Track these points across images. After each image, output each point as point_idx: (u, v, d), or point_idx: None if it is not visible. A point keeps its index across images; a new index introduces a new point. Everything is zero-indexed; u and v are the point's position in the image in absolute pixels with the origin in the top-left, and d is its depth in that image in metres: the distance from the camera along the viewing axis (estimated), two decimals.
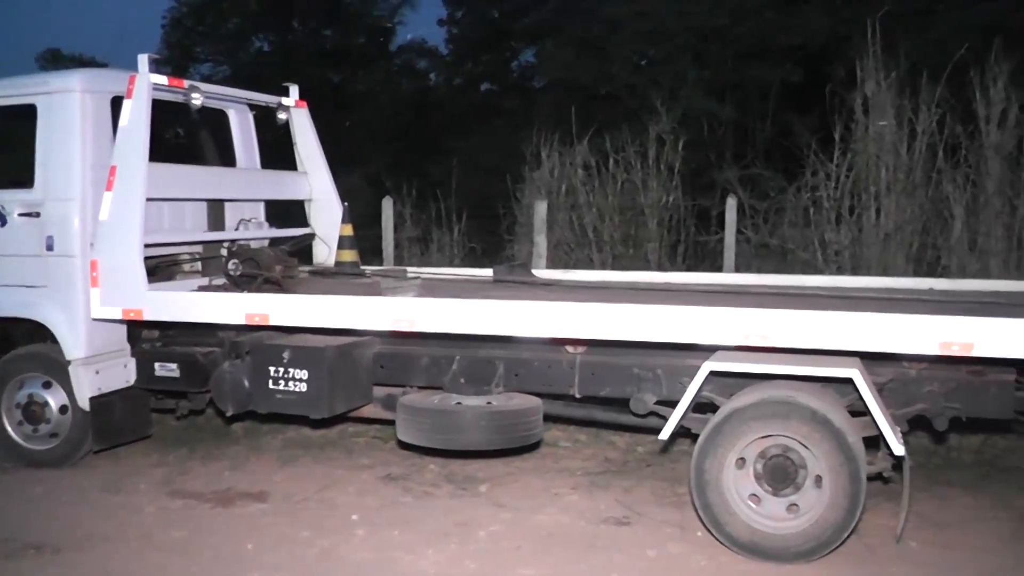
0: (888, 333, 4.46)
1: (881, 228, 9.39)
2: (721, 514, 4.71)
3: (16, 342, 6.59)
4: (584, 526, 5.28)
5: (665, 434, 4.97)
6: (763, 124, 18.69)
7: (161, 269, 6.45)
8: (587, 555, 4.84)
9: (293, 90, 7.34)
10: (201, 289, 6.29)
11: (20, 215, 6.23)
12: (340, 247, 7.09)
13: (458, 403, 5.50)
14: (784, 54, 19.16)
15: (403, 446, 6.04)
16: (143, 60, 5.91)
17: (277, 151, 7.80)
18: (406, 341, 5.76)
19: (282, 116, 7.21)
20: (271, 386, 5.72)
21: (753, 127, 18.82)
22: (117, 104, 5.99)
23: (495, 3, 29.56)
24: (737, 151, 16.21)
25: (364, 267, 7.21)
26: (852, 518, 4.52)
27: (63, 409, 6.37)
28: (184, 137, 7.21)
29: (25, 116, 6.19)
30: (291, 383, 5.67)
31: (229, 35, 32.80)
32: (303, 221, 7.59)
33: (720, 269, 9.88)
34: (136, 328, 6.32)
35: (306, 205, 7.55)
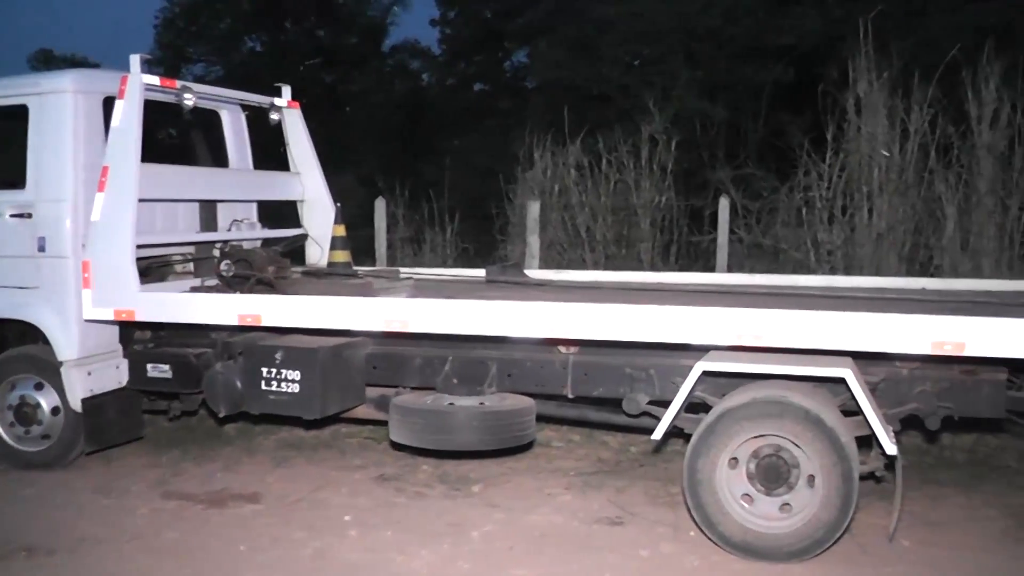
0: (881, 333, 4.47)
1: (873, 228, 9.41)
2: (714, 514, 4.72)
3: (8, 343, 6.57)
4: (577, 526, 5.28)
5: (658, 434, 4.97)
6: (756, 124, 18.73)
7: (153, 270, 6.43)
8: (580, 555, 4.84)
9: (285, 90, 7.33)
10: (194, 290, 6.26)
11: (12, 216, 6.21)
12: (333, 248, 7.08)
13: (451, 404, 5.49)
14: (776, 54, 19.17)
15: (396, 447, 6.04)
16: (135, 61, 5.90)
17: (270, 152, 7.78)
18: (399, 342, 5.76)
19: (275, 117, 7.21)
20: (264, 387, 5.72)
21: (746, 127, 18.84)
22: (109, 105, 5.98)
23: (488, 3, 29.52)
24: (730, 151, 16.22)
25: (357, 268, 7.20)
26: (845, 517, 4.53)
27: (55, 411, 6.36)
28: (176, 138, 7.20)
29: (17, 117, 6.17)
30: (284, 384, 5.67)
31: (222, 35, 32.73)
32: (296, 222, 7.57)
33: (713, 269, 9.89)
34: (128, 329, 6.31)
35: (299, 206, 7.54)
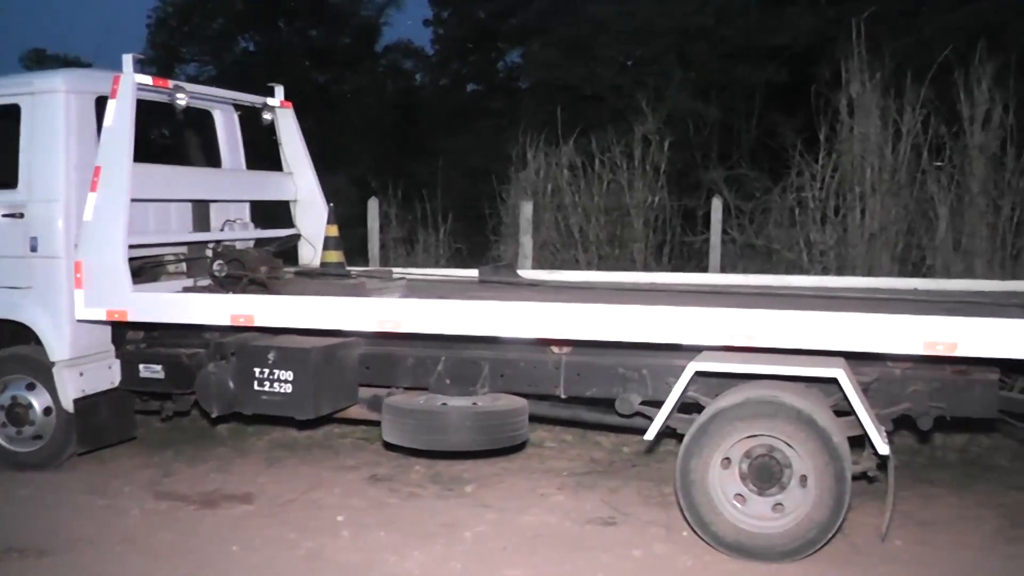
0: (873, 333, 4.48)
1: (866, 228, 9.43)
2: (707, 514, 4.72)
3: (0, 344, 6.55)
4: (570, 526, 5.29)
5: (651, 434, 4.98)
6: (748, 124, 18.76)
7: (146, 270, 6.41)
8: (573, 555, 4.84)
9: (278, 90, 7.32)
10: (186, 290, 6.25)
11: (4, 216, 6.19)
12: (325, 248, 7.09)
13: (444, 404, 5.49)
14: (769, 55, 19.19)
15: (389, 447, 6.04)
16: (127, 60, 5.88)
17: (262, 152, 7.77)
18: (392, 342, 5.75)
19: (267, 116, 7.18)
20: (256, 387, 5.71)
21: (738, 127, 18.88)
22: (101, 104, 5.96)
23: (481, 4, 29.49)
24: (722, 151, 16.25)
25: (350, 268, 7.21)
26: (837, 517, 4.54)
27: (47, 411, 6.34)
28: (169, 137, 7.18)
29: (9, 116, 6.15)
30: (276, 384, 5.66)
31: (214, 35, 32.61)
32: (288, 222, 7.57)
33: (706, 269, 9.90)
34: (121, 329, 6.29)
35: (291, 206, 7.53)
